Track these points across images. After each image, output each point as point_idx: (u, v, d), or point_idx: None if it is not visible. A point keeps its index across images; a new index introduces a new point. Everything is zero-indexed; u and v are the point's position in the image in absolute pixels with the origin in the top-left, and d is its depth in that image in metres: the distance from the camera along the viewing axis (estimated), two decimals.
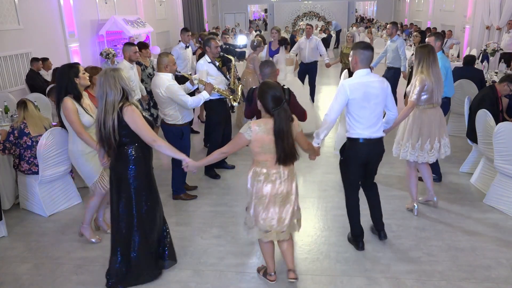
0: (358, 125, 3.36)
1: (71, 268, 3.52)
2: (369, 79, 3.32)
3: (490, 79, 6.99)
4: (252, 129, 2.82)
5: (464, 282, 3.18)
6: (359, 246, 3.63)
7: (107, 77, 2.90)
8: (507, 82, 4.78)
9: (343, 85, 3.33)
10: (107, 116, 2.90)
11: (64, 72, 3.52)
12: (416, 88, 3.85)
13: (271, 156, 2.86)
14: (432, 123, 3.99)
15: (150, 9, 13.48)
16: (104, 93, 2.91)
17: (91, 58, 9.90)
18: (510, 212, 4.14)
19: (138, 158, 3.06)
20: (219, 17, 24.23)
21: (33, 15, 7.88)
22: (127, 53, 5.33)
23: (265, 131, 2.82)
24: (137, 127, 2.95)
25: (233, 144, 2.98)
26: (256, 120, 2.92)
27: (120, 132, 2.94)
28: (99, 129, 2.96)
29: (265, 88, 2.87)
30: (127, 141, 3.01)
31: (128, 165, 3.05)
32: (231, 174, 5.41)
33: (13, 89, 7.30)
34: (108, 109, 2.90)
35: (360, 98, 3.28)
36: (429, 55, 3.88)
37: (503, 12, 10.37)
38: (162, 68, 4.24)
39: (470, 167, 5.12)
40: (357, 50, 3.36)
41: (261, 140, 2.83)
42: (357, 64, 3.36)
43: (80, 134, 3.50)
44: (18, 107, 4.41)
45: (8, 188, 4.53)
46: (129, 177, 3.06)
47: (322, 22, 23.22)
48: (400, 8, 22.85)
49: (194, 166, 3.13)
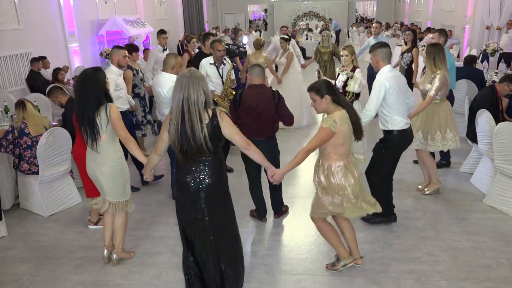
0: (398, 116, 3.63)
1: (71, 268, 3.52)
2: (396, 72, 3.68)
3: (490, 79, 6.98)
4: (336, 121, 2.90)
5: (464, 282, 3.18)
6: (391, 219, 3.97)
7: (189, 78, 2.61)
8: (507, 82, 4.78)
9: (380, 80, 3.57)
10: (194, 124, 2.57)
11: (94, 78, 3.12)
12: (436, 84, 4.13)
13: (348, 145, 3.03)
14: (446, 115, 4.38)
15: (150, 9, 13.48)
16: (186, 97, 2.58)
17: (91, 58, 9.90)
18: (510, 212, 4.14)
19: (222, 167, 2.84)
20: (219, 17, 24.23)
21: (33, 15, 7.88)
22: (116, 57, 4.73)
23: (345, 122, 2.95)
24: (232, 132, 2.72)
25: (319, 139, 2.97)
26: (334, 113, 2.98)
27: (214, 140, 2.65)
28: (182, 142, 2.62)
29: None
30: (213, 149, 2.69)
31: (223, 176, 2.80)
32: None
33: (13, 89, 7.31)
34: (193, 114, 2.57)
35: (398, 88, 3.58)
36: (440, 53, 4.22)
37: (503, 12, 10.36)
38: (168, 69, 4.23)
39: (470, 167, 5.12)
40: (375, 50, 3.66)
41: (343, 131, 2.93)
42: (379, 62, 3.66)
43: (129, 141, 3.16)
44: (16, 108, 4.40)
45: (8, 188, 4.53)
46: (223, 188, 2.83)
47: (322, 22, 23.22)
48: (400, 8, 22.85)
49: (280, 175, 3.05)
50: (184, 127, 2.58)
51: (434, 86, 4.14)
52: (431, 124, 4.41)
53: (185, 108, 2.58)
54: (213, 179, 2.74)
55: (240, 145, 2.81)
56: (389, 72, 3.61)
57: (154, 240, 3.90)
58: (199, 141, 2.58)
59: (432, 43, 4.40)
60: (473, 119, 4.75)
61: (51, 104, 5.96)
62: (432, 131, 4.42)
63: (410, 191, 4.71)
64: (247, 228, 4.06)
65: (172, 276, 3.37)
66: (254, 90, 3.76)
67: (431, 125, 4.42)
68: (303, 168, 5.34)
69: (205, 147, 2.60)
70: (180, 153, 2.66)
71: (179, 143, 2.62)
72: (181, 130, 2.60)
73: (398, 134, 3.69)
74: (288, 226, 4.09)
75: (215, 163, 2.75)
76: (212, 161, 2.73)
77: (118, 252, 3.52)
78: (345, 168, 3.00)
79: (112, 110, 3.13)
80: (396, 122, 3.65)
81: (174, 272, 3.41)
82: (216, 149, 2.73)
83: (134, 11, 12.15)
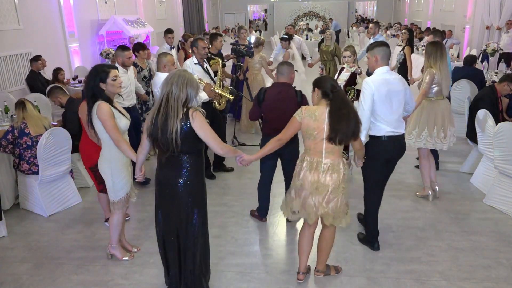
0: (380, 123, 3.38)
1: (71, 268, 3.52)
2: (390, 76, 3.38)
3: (490, 79, 6.99)
4: (303, 112, 2.89)
5: (464, 282, 3.18)
6: (374, 247, 3.62)
7: (178, 76, 2.62)
8: (507, 82, 4.79)
9: (367, 82, 3.34)
10: (170, 119, 2.58)
11: (91, 75, 3.13)
12: (425, 81, 4.19)
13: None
14: (444, 113, 4.34)
15: (150, 9, 13.48)
16: (167, 92, 2.60)
17: (91, 58, 9.90)
18: (510, 212, 4.14)
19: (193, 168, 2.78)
20: (219, 17, 24.23)
21: (33, 15, 7.88)
22: (120, 58, 4.78)
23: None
24: (205, 135, 2.67)
25: (287, 127, 3.00)
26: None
27: (183, 139, 2.62)
28: (153, 133, 2.65)
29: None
30: (184, 149, 2.68)
31: (181, 176, 2.76)
32: (230, 175, 5.40)
33: (13, 89, 7.30)
34: (169, 111, 2.58)
35: (384, 95, 3.30)
36: (437, 51, 4.20)
37: (503, 12, 10.36)
38: (161, 68, 4.27)
39: (470, 167, 5.12)
40: (375, 48, 3.42)
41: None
42: (377, 62, 3.40)
43: (118, 142, 3.11)
44: (16, 108, 4.40)
45: (8, 188, 4.53)
46: (181, 188, 2.77)
47: (322, 22, 23.22)
48: (400, 8, 22.84)
49: (247, 160, 3.05)
50: (157, 118, 2.61)
51: (424, 83, 4.22)
52: (427, 122, 4.35)
53: (164, 101, 2.61)
54: (186, 179, 2.74)
55: (213, 148, 2.74)
56: (382, 74, 3.35)
57: (154, 240, 3.86)
58: (170, 136, 2.58)
59: (431, 42, 4.42)
60: (473, 119, 4.75)
61: (51, 104, 5.96)
62: (429, 128, 4.36)
63: (410, 191, 4.71)
64: (247, 228, 4.06)
65: None
66: (277, 88, 3.77)
67: (426, 123, 4.36)
68: None
69: (174, 143, 2.59)
70: (152, 143, 2.73)
71: (151, 134, 2.67)
72: (154, 121, 2.63)
73: (375, 141, 3.43)
74: (288, 226, 4.09)
75: (189, 164, 2.74)
76: (187, 162, 2.73)
77: (110, 247, 3.59)
78: (306, 162, 2.93)
79: (99, 109, 3.07)
80: (378, 129, 3.40)
81: None
82: (190, 149, 2.70)
83: (134, 11, 12.15)
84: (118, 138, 3.11)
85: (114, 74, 3.14)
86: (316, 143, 2.88)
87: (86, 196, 4.82)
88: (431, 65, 4.21)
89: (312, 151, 2.92)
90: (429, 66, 4.23)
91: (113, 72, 3.14)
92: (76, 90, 7.15)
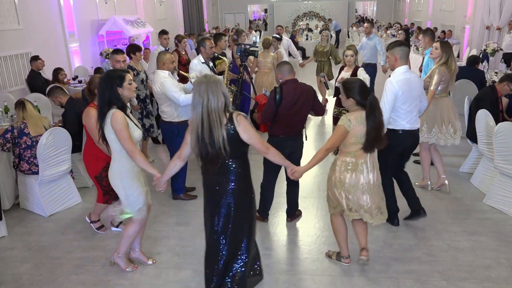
0: (400, 118, 3.63)
1: (71, 268, 3.52)
2: (410, 75, 3.60)
3: (490, 79, 6.98)
4: (351, 121, 2.97)
5: (464, 282, 3.18)
6: (394, 223, 3.93)
7: (206, 84, 2.56)
8: (507, 82, 4.78)
9: (391, 82, 3.54)
10: (215, 130, 2.54)
11: (105, 81, 2.97)
12: (435, 78, 4.28)
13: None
14: (449, 109, 4.52)
15: (150, 9, 13.48)
16: (206, 105, 2.53)
17: (91, 58, 9.91)
18: (510, 212, 4.14)
19: (241, 172, 2.77)
20: (219, 17, 24.23)
21: (33, 15, 7.88)
22: (112, 63, 4.74)
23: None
24: (251, 137, 2.67)
25: (335, 137, 3.05)
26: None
27: (229, 144, 2.58)
28: (202, 151, 2.60)
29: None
30: (231, 153, 2.64)
31: (231, 181, 2.75)
32: None
33: (13, 89, 7.31)
34: (212, 122, 2.53)
35: (405, 94, 3.54)
36: (451, 50, 4.38)
37: (503, 12, 10.37)
38: (160, 66, 4.31)
39: (470, 167, 5.12)
40: (395, 48, 3.59)
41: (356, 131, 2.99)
42: (397, 61, 3.59)
43: (133, 153, 2.95)
44: (16, 108, 4.40)
45: (8, 188, 4.53)
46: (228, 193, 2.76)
47: (322, 22, 23.22)
48: (400, 8, 22.84)
49: (300, 172, 3.11)
50: (203, 134, 2.56)
51: (434, 81, 4.28)
52: (434, 118, 4.53)
53: (205, 115, 2.54)
54: (234, 184, 2.74)
55: (260, 150, 2.78)
56: (403, 74, 3.56)
57: (154, 240, 3.90)
58: (217, 145, 2.56)
59: (445, 41, 4.62)
60: (473, 119, 4.75)
61: (51, 104, 5.96)
62: (429, 124, 4.55)
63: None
64: None
65: (172, 276, 3.37)
66: (293, 84, 3.73)
67: (435, 120, 4.53)
68: None
69: (223, 151, 2.57)
70: (201, 159, 2.67)
71: (200, 153, 2.63)
72: (201, 138, 2.57)
73: (393, 133, 3.65)
74: (288, 226, 4.09)
75: (236, 168, 2.73)
76: (234, 166, 2.72)
77: (116, 256, 3.41)
78: (350, 165, 3.05)
79: (113, 118, 2.91)
80: (397, 124, 3.67)
81: (174, 272, 3.41)
82: (237, 153, 2.69)
83: (134, 11, 12.15)
84: (133, 149, 2.95)
85: (130, 78, 3.03)
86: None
87: (86, 196, 4.82)
88: (445, 62, 4.30)
89: (358, 154, 3.04)
90: (443, 63, 4.31)
91: (128, 76, 3.02)
92: (76, 90, 7.16)
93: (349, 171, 3.06)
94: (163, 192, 5.05)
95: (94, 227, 4.06)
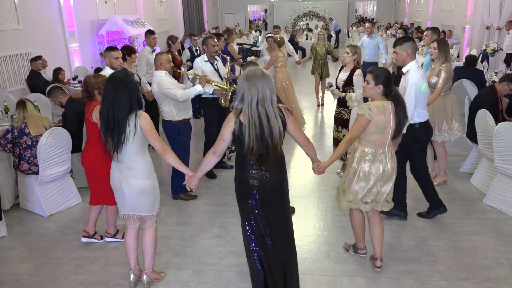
0: (423, 109, 3.76)
1: (71, 268, 3.52)
2: (420, 69, 3.70)
3: (490, 79, 6.98)
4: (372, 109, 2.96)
5: (464, 282, 3.18)
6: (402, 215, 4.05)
7: (256, 77, 2.47)
8: (507, 82, 4.78)
9: (419, 79, 3.58)
10: (273, 126, 2.49)
11: (128, 83, 2.79)
12: (443, 76, 4.37)
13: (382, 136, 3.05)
14: (453, 105, 4.65)
15: (150, 9, 13.48)
16: (261, 98, 2.45)
17: (91, 58, 9.91)
18: (510, 212, 4.14)
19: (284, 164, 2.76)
20: (219, 17, 24.23)
21: (33, 15, 7.88)
22: (107, 59, 4.62)
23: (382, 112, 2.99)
24: (295, 130, 2.69)
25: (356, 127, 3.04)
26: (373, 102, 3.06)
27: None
28: (262, 152, 2.53)
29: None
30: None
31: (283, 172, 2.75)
32: (230, 174, 5.39)
33: (13, 89, 7.31)
34: (271, 118, 2.48)
35: (424, 86, 3.65)
36: (448, 47, 4.51)
37: (503, 12, 10.36)
38: (157, 66, 4.34)
39: (470, 167, 5.12)
40: (405, 43, 3.65)
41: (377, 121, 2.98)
42: (409, 56, 3.64)
43: (165, 150, 2.88)
44: (17, 107, 4.41)
45: (8, 188, 4.53)
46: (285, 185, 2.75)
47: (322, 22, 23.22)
48: (400, 8, 22.84)
49: (325, 167, 3.05)
50: (262, 130, 2.48)
51: (442, 78, 4.37)
52: (438, 115, 4.62)
53: (261, 110, 2.47)
54: (279, 177, 2.71)
55: (302, 143, 2.78)
56: (418, 68, 3.65)
57: None
58: (275, 140, 2.54)
59: (442, 39, 4.74)
60: (473, 119, 4.75)
61: (51, 104, 5.96)
62: (439, 122, 4.64)
63: (409, 191, 4.69)
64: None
65: (172, 276, 3.37)
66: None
67: (438, 117, 4.62)
68: (302, 168, 5.34)
69: (279, 144, 2.60)
70: (256, 157, 2.56)
71: (260, 153, 2.54)
72: (260, 136, 2.49)
73: (425, 125, 3.79)
74: None
75: (280, 161, 2.72)
76: (279, 159, 2.70)
77: (149, 273, 3.16)
78: (370, 155, 3.07)
79: (143, 119, 2.81)
80: (421, 115, 3.75)
81: (174, 272, 3.42)
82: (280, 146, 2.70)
83: (134, 11, 12.15)
84: (164, 146, 2.88)
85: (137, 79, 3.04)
86: (383, 136, 3.03)
87: (86, 196, 4.80)
88: (447, 60, 4.42)
89: (378, 144, 3.05)
90: (444, 61, 4.42)
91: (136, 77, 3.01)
92: (76, 90, 7.15)
93: (367, 161, 3.07)
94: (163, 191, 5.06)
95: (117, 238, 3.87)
